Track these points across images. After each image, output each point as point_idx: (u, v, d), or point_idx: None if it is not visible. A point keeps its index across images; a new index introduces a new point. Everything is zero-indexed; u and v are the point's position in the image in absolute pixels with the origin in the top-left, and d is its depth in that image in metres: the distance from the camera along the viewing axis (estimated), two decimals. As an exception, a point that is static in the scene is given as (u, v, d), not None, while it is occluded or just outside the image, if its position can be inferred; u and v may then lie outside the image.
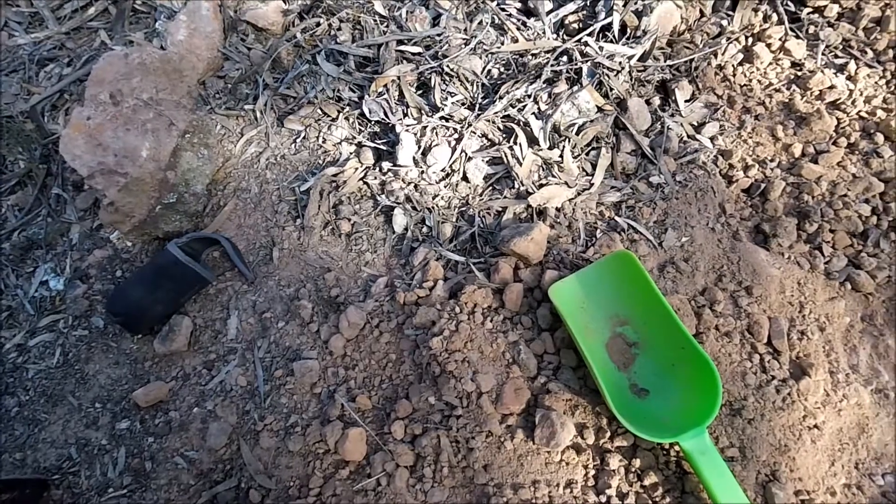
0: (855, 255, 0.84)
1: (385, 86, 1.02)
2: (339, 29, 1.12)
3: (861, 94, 0.90)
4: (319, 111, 1.07)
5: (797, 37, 0.97)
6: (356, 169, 0.99)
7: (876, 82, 0.92)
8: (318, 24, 1.13)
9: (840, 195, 0.85)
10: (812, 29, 0.98)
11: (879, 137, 0.87)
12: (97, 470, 0.78)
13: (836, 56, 0.96)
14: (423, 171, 0.94)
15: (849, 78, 0.92)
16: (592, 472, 0.67)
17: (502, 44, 1.02)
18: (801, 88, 0.93)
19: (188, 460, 0.74)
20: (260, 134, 1.09)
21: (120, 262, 0.97)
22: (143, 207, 0.90)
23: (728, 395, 0.72)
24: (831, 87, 0.91)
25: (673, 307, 0.77)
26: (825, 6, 0.98)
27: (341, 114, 1.05)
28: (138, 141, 0.89)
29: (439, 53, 1.02)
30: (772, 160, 0.90)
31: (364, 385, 0.77)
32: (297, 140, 1.07)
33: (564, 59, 0.98)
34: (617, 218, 0.87)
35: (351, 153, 1.02)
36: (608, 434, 0.69)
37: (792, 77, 0.95)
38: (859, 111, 0.89)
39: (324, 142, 1.05)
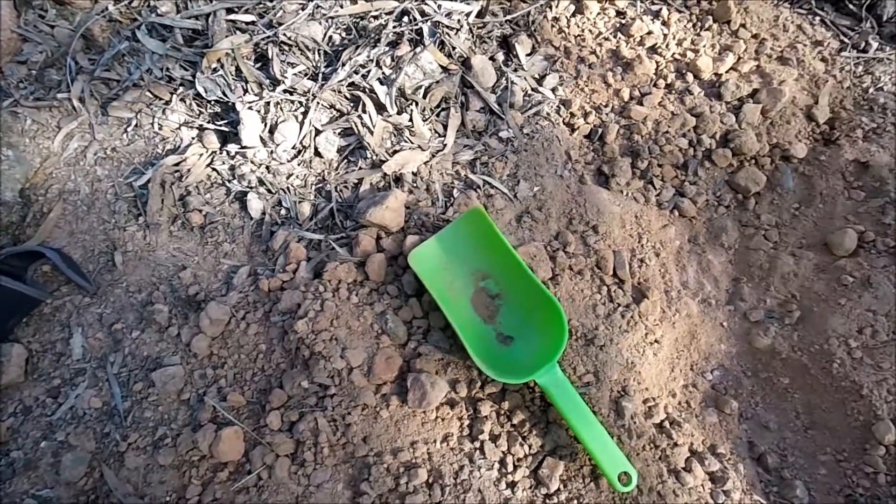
0: (679, 184, 0.94)
1: (219, 60, 0.94)
2: (158, -1, 1.00)
3: (674, 38, 0.99)
4: (149, 94, 0.97)
5: (618, -15, 1.04)
6: (200, 155, 0.92)
7: (685, 26, 1.01)
8: (132, -5, 1.01)
9: (663, 132, 0.94)
10: (630, -23, 1.04)
11: (690, 77, 0.96)
12: (-67, 532, 0.69)
13: (653, 3, 1.03)
14: (272, 151, 0.90)
15: (663, 23, 1.00)
16: (467, 423, 0.71)
17: (342, 7, 0.98)
18: (625, 36, 0.99)
19: (42, 500, 0.68)
20: (82, 126, 0.97)
21: (-77, 295, 0.83)
22: (-62, 228, 0.77)
23: (582, 327, 0.79)
24: (649, 33, 0.99)
25: (530, 254, 0.82)
26: (639, -46, 1.05)
27: (175, 95, 0.96)
28: (-87, 151, 0.75)
29: (274, 21, 0.95)
30: (606, 105, 0.97)
31: (235, 382, 0.74)
32: (128, 129, 0.96)
33: (406, 19, 0.96)
34: (472, 175, 0.89)
35: (193, 138, 0.94)
36: (479, 384, 0.73)
37: (617, 25, 1.01)
38: (673, 53, 0.98)
39: (160, 128, 0.96)
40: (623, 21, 1.01)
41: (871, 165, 0.93)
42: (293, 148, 0.90)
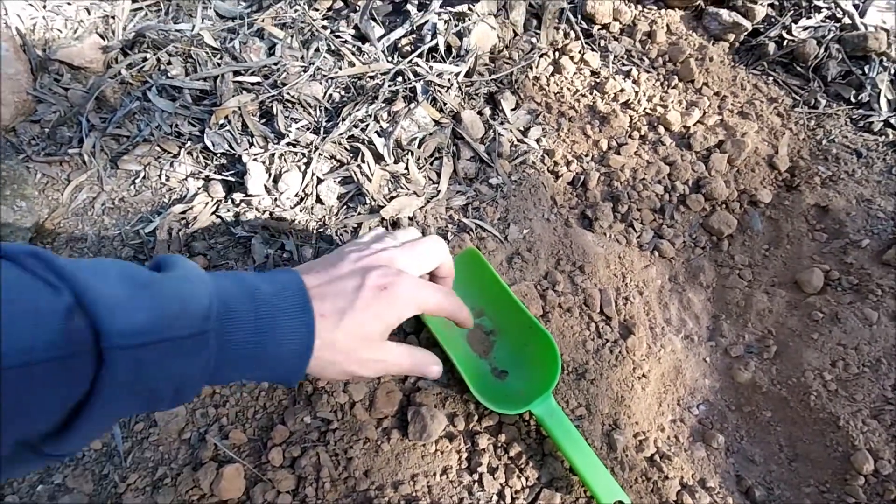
0: (658, 227, 1.00)
1: (226, 117, 1.01)
2: (170, 63, 1.08)
3: (644, 95, 1.09)
4: (158, 148, 1.03)
5: (592, 49, 1.14)
6: (206, 204, 0.97)
7: (653, 84, 1.11)
8: (146, 59, 1.09)
9: (640, 179, 1.01)
10: (602, 42, 1.15)
11: (661, 129, 1.05)
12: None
13: (623, 64, 1.14)
14: (276, 199, 0.95)
15: (634, 82, 1.11)
16: (465, 455, 0.72)
17: (340, 69, 1.07)
18: (600, 93, 1.09)
19: (39, 543, 0.67)
20: (91, 178, 1.02)
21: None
22: (-51, 273, 0.79)
23: (573, 362, 0.82)
24: (622, 90, 1.08)
25: (521, 293, 0.86)
26: (609, 23, 1.17)
27: (183, 149, 1.02)
28: (-67, 200, 0.79)
29: (278, 82, 1.03)
30: (586, 155, 1.05)
31: (237, 419, 0.76)
32: (137, 181, 1.01)
33: (400, 79, 1.05)
34: (464, 219, 0.95)
35: (199, 188, 0.99)
36: (476, 417, 0.75)
37: (592, 84, 1.11)
38: (644, 108, 1.07)
39: (167, 180, 1.01)
40: (597, 80, 1.11)
41: (830, 209, 1.01)
42: (296, 195, 0.95)
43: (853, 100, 1.14)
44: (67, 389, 0.36)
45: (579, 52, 1.12)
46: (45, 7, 1.20)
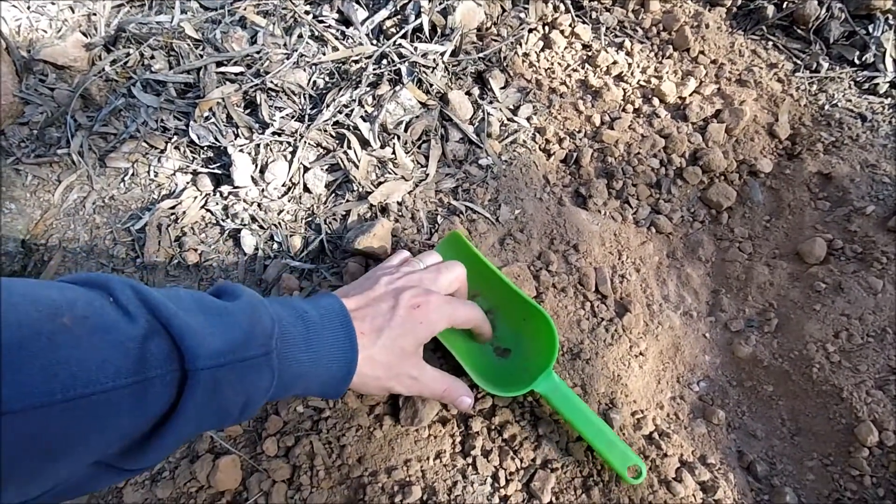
0: (654, 202, 0.98)
1: (210, 109, 1.00)
2: (153, 57, 1.07)
3: (638, 67, 1.06)
4: (145, 144, 1.02)
5: (583, 22, 1.11)
6: (195, 198, 0.96)
7: (647, 55, 1.08)
8: (129, 55, 1.08)
9: (635, 154, 0.99)
10: (593, 14, 1.12)
11: (656, 101, 1.02)
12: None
13: (616, 36, 1.10)
14: (263, 189, 0.94)
15: (627, 53, 1.07)
16: (459, 439, 0.72)
17: (324, 54, 1.05)
18: (591, 66, 1.06)
19: (41, 538, 0.68)
20: (81, 178, 1.02)
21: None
22: (-57, 278, 0.80)
23: (568, 342, 0.81)
24: (615, 63, 1.05)
25: (514, 274, 0.85)
26: (600, -7, 1.13)
27: (170, 144, 1.01)
28: (-79, 205, 0.79)
29: (261, 70, 1.02)
30: (579, 131, 1.02)
31: (232, 412, 0.76)
32: (126, 178, 1.01)
33: (384, 62, 1.02)
34: (454, 202, 0.93)
35: (187, 183, 0.99)
36: (470, 401, 0.74)
37: (584, 57, 1.08)
38: (638, 81, 1.04)
39: (155, 175, 1.01)
40: (589, 53, 1.08)
41: (833, 177, 0.98)
42: (283, 185, 0.94)
43: (857, 61, 1.10)
44: (144, 410, 0.39)
45: (570, 25, 1.09)
46: (28, 8, 1.19)
